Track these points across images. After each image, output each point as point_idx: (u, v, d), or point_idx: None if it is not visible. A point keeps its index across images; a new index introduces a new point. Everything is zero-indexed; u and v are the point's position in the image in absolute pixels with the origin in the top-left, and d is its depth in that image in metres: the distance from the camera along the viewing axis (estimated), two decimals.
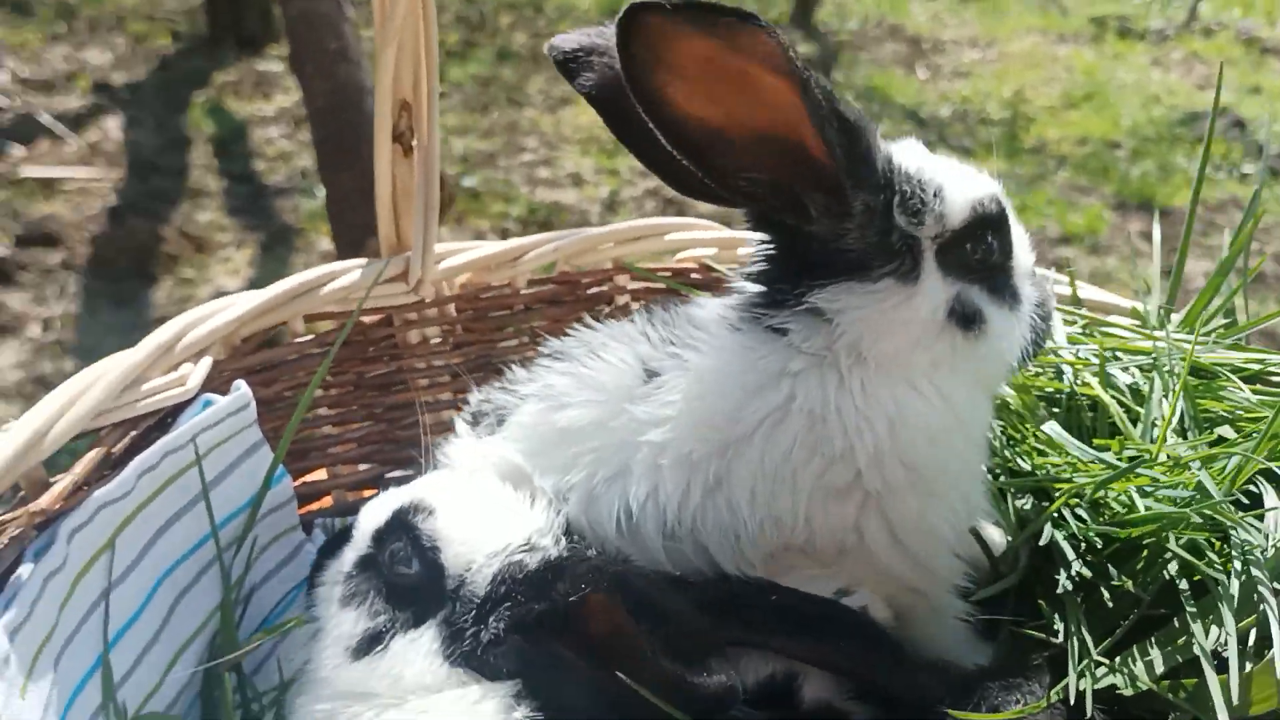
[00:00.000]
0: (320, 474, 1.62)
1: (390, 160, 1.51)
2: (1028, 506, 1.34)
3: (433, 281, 1.58)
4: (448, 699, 1.09)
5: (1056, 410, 1.43)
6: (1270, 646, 1.02)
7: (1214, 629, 1.07)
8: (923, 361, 1.17)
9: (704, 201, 1.27)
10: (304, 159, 7.59)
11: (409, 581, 1.17)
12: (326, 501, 1.62)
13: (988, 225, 1.20)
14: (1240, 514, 1.15)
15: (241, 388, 1.31)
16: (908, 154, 1.20)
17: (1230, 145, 7.82)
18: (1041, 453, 1.37)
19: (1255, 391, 1.37)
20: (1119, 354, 1.46)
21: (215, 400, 1.30)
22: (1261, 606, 1.05)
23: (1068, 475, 1.29)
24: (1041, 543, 1.23)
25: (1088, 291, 1.65)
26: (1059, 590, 1.18)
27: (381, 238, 1.55)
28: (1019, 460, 1.37)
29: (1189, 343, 1.38)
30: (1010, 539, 1.31)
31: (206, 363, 1.33)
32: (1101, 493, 1.24)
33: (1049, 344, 1.45)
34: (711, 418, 1.16)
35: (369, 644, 1.15)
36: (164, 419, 1.27)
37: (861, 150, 1.11)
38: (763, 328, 1.18)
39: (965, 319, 1.17)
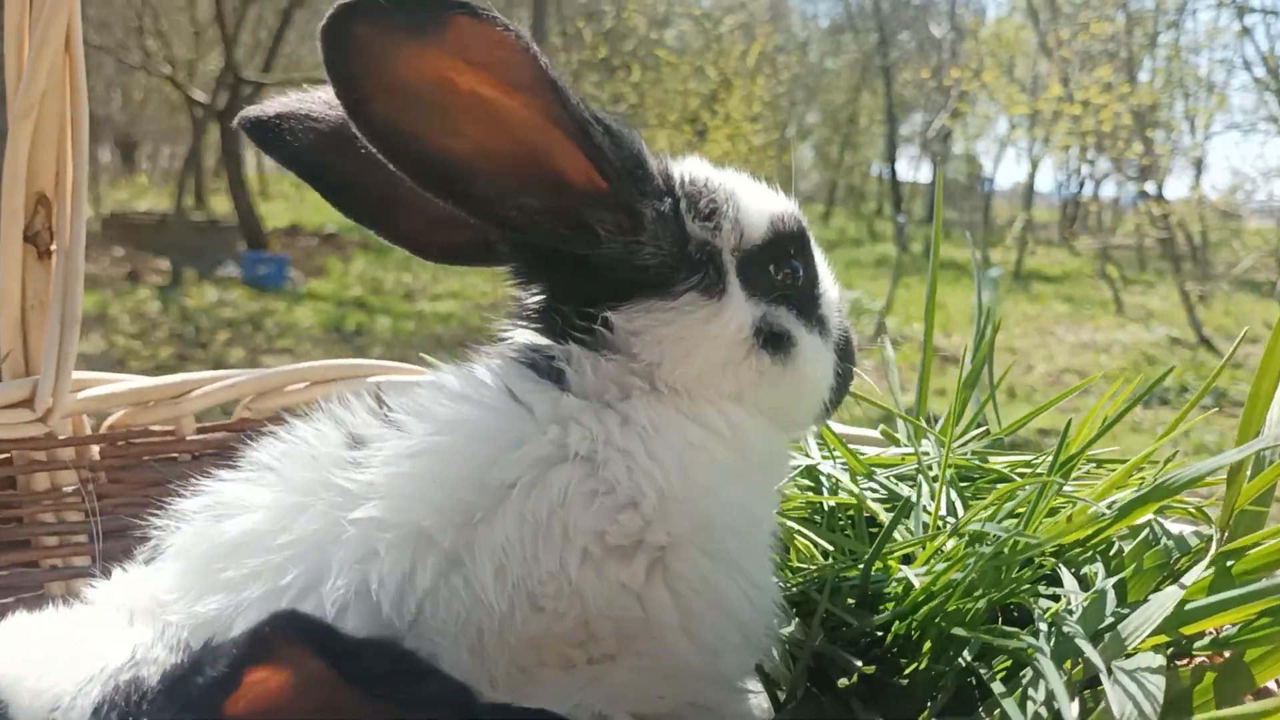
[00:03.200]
0: None
1: (21, 263, 1.24)
2: (793, 629, 1.14)
3: (69, 415, 1.28)
4: None
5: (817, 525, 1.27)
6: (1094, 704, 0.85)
7: (1030, 700, 0.88)
8: (728, 386, 1.03)
9: (445, 263, 1.14)
10: None
11: None
12: None
13: (789, 243, 1.10)
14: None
15: None
16: (690, 166, 1.10)
17: None
18: (798, 569, 1.19)
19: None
20: (875, 469, 1.33)
21: None
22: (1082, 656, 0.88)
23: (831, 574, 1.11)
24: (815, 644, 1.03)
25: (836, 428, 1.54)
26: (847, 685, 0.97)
27: (2, 358, 1.25)
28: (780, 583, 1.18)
29: (944, 448, 1.27)
30: (784, 665, 1.10)
31: None
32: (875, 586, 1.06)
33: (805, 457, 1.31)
34: (451, 480, 0.93)
35: None
36: None
37: (636, 156, 0.99)
38: (525, 377, 1.00)
39: (773, 339, 1.04)
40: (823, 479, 1.31)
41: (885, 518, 1.20)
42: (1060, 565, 1.03)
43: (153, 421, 1.37)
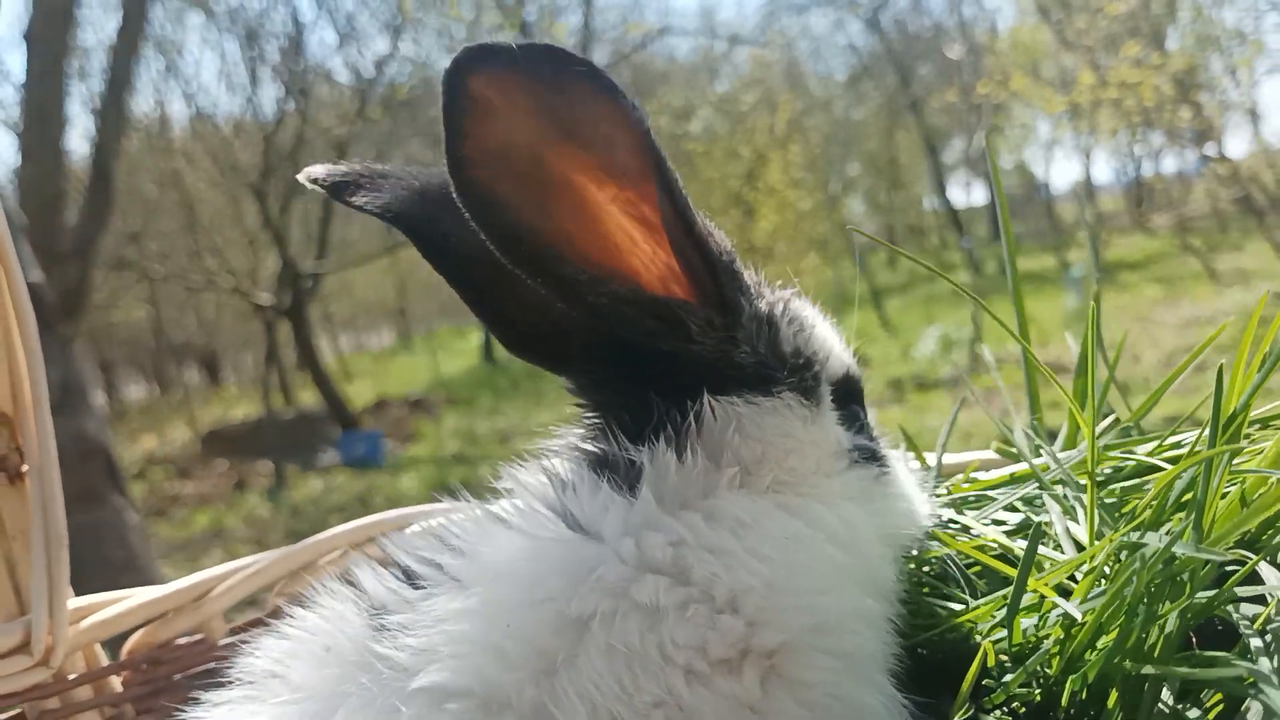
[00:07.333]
0: None
1: None
2: None
3: (75, 649, 1.14)
4: None
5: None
6: None
7: None
8: (833, 491, 0.91)
9: (523, 357, 1.03)
10: None
11: None
12: None
13: (857, 390, 1.03)
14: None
15: None
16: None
17: None
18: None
19: None
20: (992, 495, 1.12)
21: None
22: None
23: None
24: None
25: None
26: None
27: None
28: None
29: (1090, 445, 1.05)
30: None
31: None
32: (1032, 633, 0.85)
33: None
34: (521, 628, 0.79)
35: None
36: None
37: (732, 252, 0.91)
38: (586, 491, 0.88)
39: (872, 457, 0.97)
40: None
41: (1018, 550, 0.99)
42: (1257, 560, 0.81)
43: (177, 634, 1.21)
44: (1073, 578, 0.88)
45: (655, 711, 0.76)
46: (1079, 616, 0.76)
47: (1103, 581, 0.80)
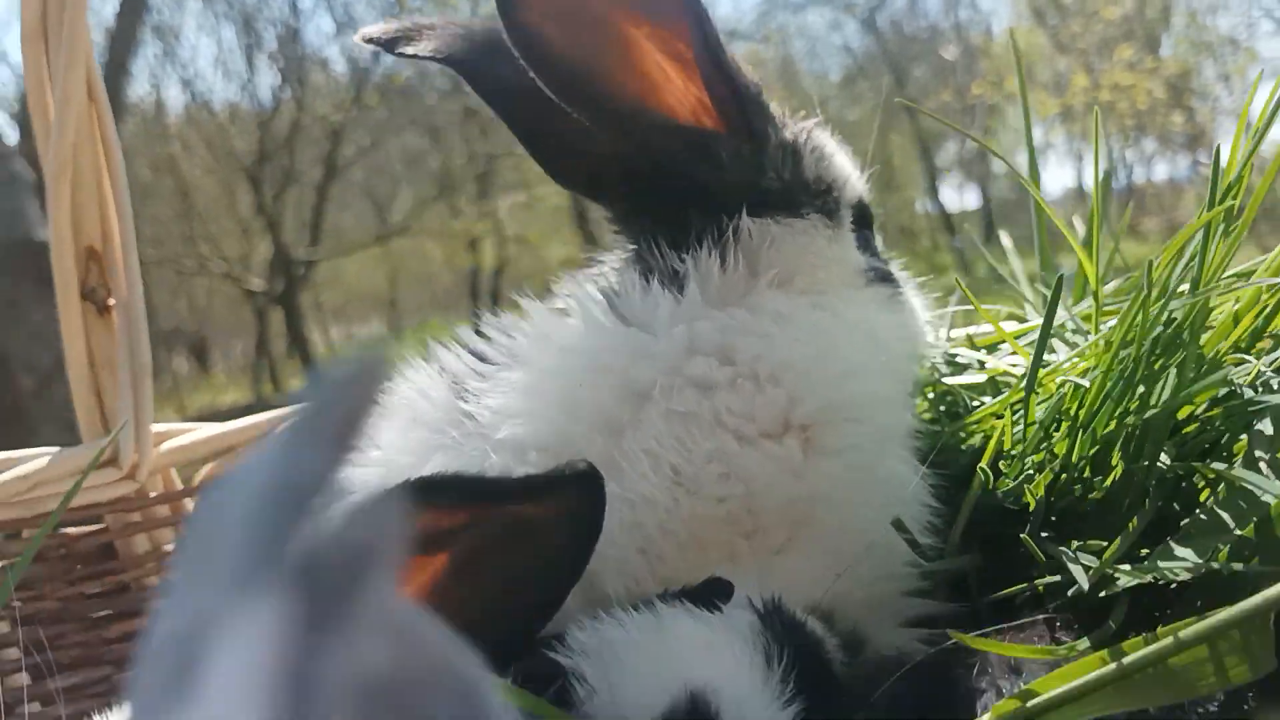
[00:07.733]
0: None
1: (83, 323, 1.20)
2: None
3: (157, 470, 1.23)
4: None
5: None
6: None
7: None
8: (859, 301, 1.01)
9: (583, 194, 1.13)
10: None
11: None
12: None
13: (869, 216, 1.12)
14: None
15: None
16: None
17: None
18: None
19: None
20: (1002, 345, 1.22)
21: None
22: None
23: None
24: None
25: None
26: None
27: (81, 422, 1.21)
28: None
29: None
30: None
31: None
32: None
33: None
34: (591, 392, 0.90)
35: None
36: None
37: (759, 86, 1.01)
38: (637, 291, 0.96)
39: (886, 275, 1.07)
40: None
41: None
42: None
43: None
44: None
45: (710, 465, 0.87)
46: (1085, 384, 0.86)
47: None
